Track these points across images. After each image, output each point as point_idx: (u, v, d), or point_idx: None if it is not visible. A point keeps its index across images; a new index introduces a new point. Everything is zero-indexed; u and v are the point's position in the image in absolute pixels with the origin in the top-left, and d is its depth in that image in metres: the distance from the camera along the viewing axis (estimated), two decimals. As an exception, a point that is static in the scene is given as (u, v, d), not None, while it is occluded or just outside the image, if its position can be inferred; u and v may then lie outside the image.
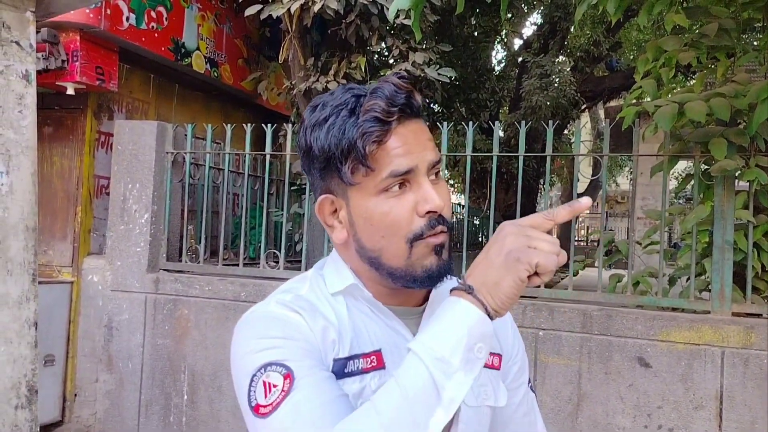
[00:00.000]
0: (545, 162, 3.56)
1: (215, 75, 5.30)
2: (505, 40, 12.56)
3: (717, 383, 2.90)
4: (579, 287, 3.34)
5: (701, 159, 3.15)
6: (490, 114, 9.91)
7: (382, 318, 0.98)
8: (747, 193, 3.04)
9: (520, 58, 10.94)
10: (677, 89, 5.19)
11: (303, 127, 0.96)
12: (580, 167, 3.59)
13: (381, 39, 4.73)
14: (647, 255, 3.63)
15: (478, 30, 9.33)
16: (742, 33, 3.29)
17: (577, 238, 28.51)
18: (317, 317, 0.93)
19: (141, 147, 4.08)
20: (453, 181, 13.82)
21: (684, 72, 8.53)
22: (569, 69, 10.62)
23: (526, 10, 11.21)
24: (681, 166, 13.07)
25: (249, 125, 3.95)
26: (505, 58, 12.76)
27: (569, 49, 11.46)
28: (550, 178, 3.63)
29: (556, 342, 3.15)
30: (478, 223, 9.96)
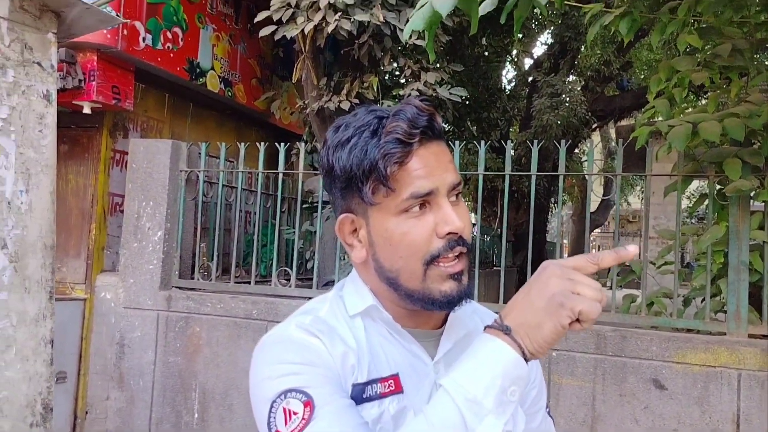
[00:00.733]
0: (556, 181, 3.56)
1: (229, 94, 5.36)
2: (516, 59, 12.61)
3: (734, 406, 2.86)
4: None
5: (715, 179, 3.14)
6: (500, 133, 9.93)
7: (399, 340, 0.97)
8: (762, 214, 3.02)
9: (530, 77, 10.98)
10: (690, 109, 5.18)
11: (325, 147, 0.97)
12: (592, 186, 3.58)
13: (393, 59, 4.77)
14: (660, 275, 3.61)
15: (489, 50, 9.38)
16: (755, 53, 3.29)
17: (589, 257, 28.29)
18: (336, 342, 0.93)
19: (155, 165, 4.12)
20: (464, 199, 13.78)
21: (696, 92, 8.52)
22: (580, 88, 10.64)
23: (536, 30, 11.26)
24: (694, 185, 13.01)
25: (262, 144, 3.98)
26: (516, 77, 12.80)
27: (580, 69, 11.48)
28: (561, 197, 3.62)
29: (569, 363, 3.12)
30: (489, 242, 9.93)
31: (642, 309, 3.22)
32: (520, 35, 9.85)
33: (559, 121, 8.95)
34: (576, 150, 12.72)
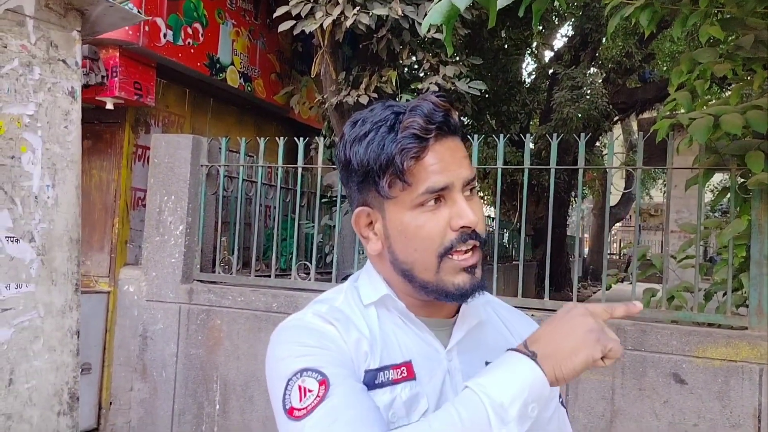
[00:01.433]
0: (576, 174, 3.54)
1: (249, 89, 5.40)
2: (536, 52, 12.52)
3: (755, 401, 2.84)
4: (612, 301, 3.29)
5: (737, 172, 3.10)
6: (520, 126, 9.88)
7: (413, 329, 1.00)
8: (785, 207, 2.98)
9: (550, 70, 10.91)
10: (712, 101, 5.11)
11: (343, 142, 0.99)
12: (612, 180, 3.56)
13: (412, 53, 4.77)
14: (682, 269, 3.58)
15: (508, 42, 9.32)
16: (779, 44, 3.23)
17: (610, 251, 28.11)
18: (351, 329, 0.96)
19: (176, 160, 4.17)
20: (483, 193, 13.76)
21: (719, 84, 8.40)
22: (601, 81, 10.54)
23: (557, 22, 11.17)
24: (716, 179, 12.81)
25: (281, 138, 4.01)
26: (536, 70, 12.72)
27: (601, 61, 11.38)
28: (582, 190, 3.60)
29: (588, 357, 3.11)
30: (507, 236, 9.90)
31: (662, 303, 3.20)
32: (539, 27, 9.77)
33: (580, 114, 8.88)
34: (597, 143, 12.61)
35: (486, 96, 8.23)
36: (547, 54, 13.05)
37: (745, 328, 3.00)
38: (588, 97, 9.05)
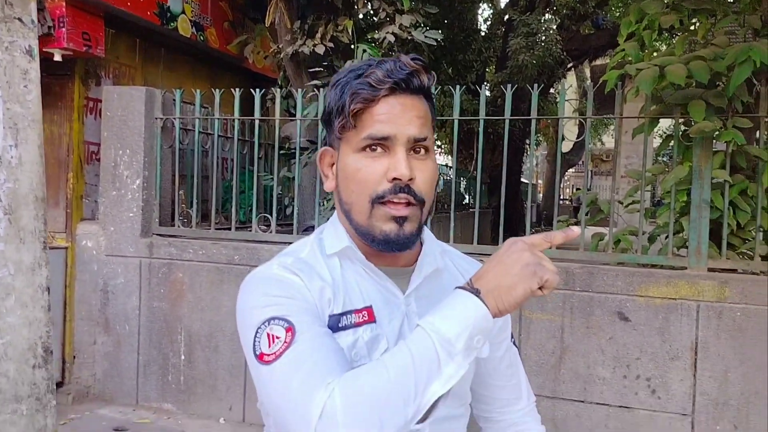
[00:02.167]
0: (531, 123, 3.63)
1: (201, 39, 5.27)
2: (492, -2, 12.45)
3: (692, 335, 3.06)
4: (562, 246, 3.43)
5: (681, 120, 3.24)
6: (476, 75, 9.90)
7: (374, 277, 1.08)
8: (724, 154, 3.14)
9: (506, 16, 10.89)
10: (661, 49, 5.24)
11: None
12: (565, 128, 3.66)
13: (367, 1, 4.73)
14: (629, 214, 3.75)
15: (464, -11, 9.25)
16: (723, -5, 3.35)
17: (562, 197, 28.74)
18: (314, 278, 1.03)
19: (130, 113, 4.10)
20: (440, 142, 13.84)
21: (669, 31, 8.55)
22: (555, 27, 10.60)
23: (512, -33, 11.09)
24: (665, 124, 13.15)
25: (237, 90, 3.98)
26: (492, 16, 12.68)
27: (555, 7, 11.40)
28: (535, 139, 3.71)
29: (540, 299, 3.27)
30: (465, 185, 10.05)
31: (609, 246, 3.37)
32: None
33: (535, 61, 8.95)
34: (551, 90, 12.75)
35: (442, 45, 8.20)
36: (503, 0, 13.00)
37: (685, 268, 3.20)
38: (543, 44, 9.11)
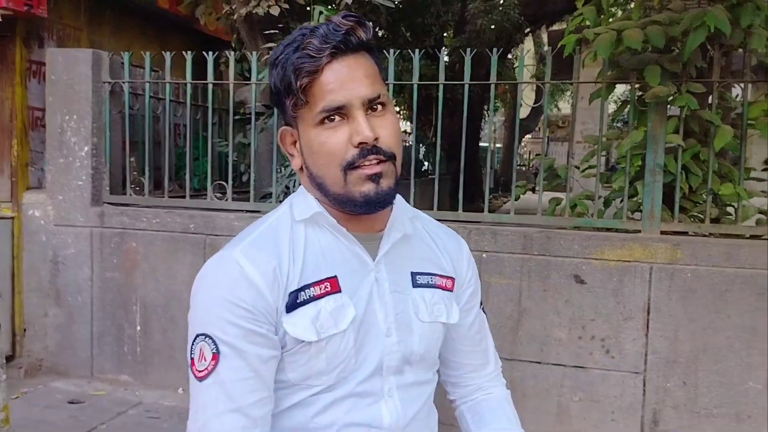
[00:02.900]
0: (489, 88, 3.61)
1: (150, -1, 5.06)
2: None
3: (645, 296, 3.13)
4: (520, 211, 3.47)
5: (637, 85, 3.27)
6: (434, 39, 9.81)
7: (344, 242, 1.05)
8: (678, 119, 3.19)
9: (464, -21, 10.77)
10: (618, 14, 5.26)
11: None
12: (523, 94, 3.66)
13: (323, -39, 4.59)
14: (585, 178, 3.80)
15: (422, -50, 9.09)
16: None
17: (520, 162, 29.07)
18: (271, 258, 1.00)
19: (76, 77, 3.92)
20: (399, 108, 13.75)
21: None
22: (513, -8, 10.54)
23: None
24: (620, 90, 13.32)
25: (189, 53, 3.84)
26: (450, -20, 12.51)
27: (514, -30, 11.33)
28: (494, 104, 3.69)
29: (498, 263, 3.31)
30: (424, 151, 10.04)
31: (566, 211, 3.40)
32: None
33: (493, 26, 8.92)
34: (509, 55, 12.76)
35: (400, 7, 8.08)
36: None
37: (639, 231, 3.26)
38: (500, 9, 9.08)
